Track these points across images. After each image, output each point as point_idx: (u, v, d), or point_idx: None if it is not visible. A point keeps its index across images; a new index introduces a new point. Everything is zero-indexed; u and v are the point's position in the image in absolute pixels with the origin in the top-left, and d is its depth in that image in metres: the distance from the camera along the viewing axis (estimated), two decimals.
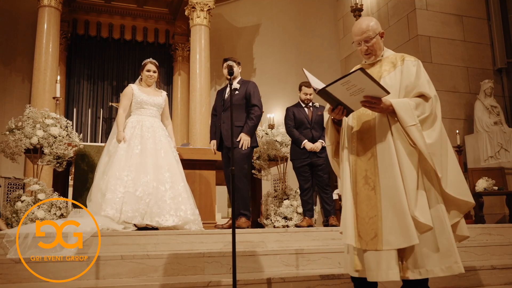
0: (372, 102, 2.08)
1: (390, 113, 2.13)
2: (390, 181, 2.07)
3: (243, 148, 4.20)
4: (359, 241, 2.10)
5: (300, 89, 4.83)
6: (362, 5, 7.69)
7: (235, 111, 4.19)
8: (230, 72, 2.97)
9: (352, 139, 2.23)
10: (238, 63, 4.44)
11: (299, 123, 4.68)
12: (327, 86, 2.06)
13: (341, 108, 2.13)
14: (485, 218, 5.81)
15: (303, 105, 4.76)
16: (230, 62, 4.27)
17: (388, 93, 2.07)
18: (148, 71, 4.19)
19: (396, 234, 2.01)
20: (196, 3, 9.16)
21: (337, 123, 2.32)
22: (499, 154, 6.60)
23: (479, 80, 7.11)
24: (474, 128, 6.93)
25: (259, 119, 4.34)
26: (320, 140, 4.64)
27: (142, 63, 4.26)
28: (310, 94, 4.74)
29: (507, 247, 3.86)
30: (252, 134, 4.27)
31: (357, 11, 7.65)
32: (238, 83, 4.39)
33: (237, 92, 4.32)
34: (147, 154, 3.92)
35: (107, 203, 3.61)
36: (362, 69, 1.99)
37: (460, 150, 6.29)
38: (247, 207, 4.26)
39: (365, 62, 2.40)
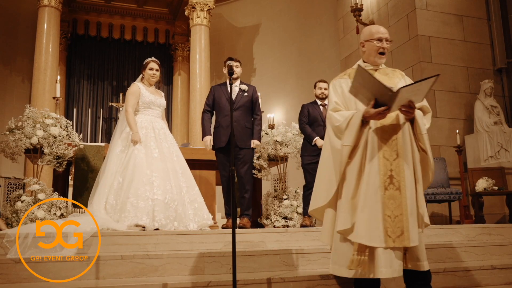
0: (411, 108, 2.19)
1: (410, 119, 2.29)
2: (412, 182, 2.23)
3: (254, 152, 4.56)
4: (386, 240, 2.16)
5: (314, 87, 4.96)
6: (362, 5, 7.69)
7: (245, 112, 4.43)
8: (230, 72, 3.00)
9: (376, 140, 2.27)
10: (240, 64, 4.52)
11: (312, 120, 4.77)
12: (405, 86, 2.12)
13: (387, 109, 2.18)
14: (485, 218, 5.81)
15: (319, 103, 4.86)
16: (230, 62, 4.28)
17: (421, 101, 2.26)
18: (151, 69, 4.15)
19: (416, 232, 2.17)
20: (196, 3, 9.16)
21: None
22: (499, 154, 6.60)
23: (479, 80, 7.11)
24: (474, 128, 6.93)
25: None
26: None
27: (144, 62, 4.21)
28: (325, 89, 4.86)
29: (507, 247, 3.86)
30: (260, 139, 4.61)
31: (357, 11, 7.65)
32: (242, 84, 4.50)
33: (245, 94, 4.46)
34: (166, 158, 3.90)
35: (142, 212, 3.57)
36: (438, 76, 2.12)
37: (460, 150, 6.29)
38: (250, 208, 4.45)
39: (367, 65, 2.44)
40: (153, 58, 4.24)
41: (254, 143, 4.45)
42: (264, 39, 10.94)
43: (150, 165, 3.79)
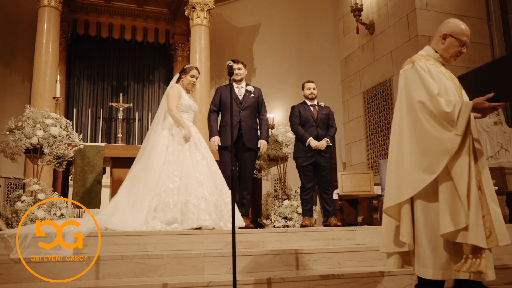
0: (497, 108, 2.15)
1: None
2: (491, 183, 2.21)
3: (263, 153, 4.56)
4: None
5: (302, 88, 4.91)
6: (362, 5, 7.71)
7: (252, 113, 4.46)
8: (230, 72, 3.00)
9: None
10: (245, 65, 4.58)
11: (304, 120, 4.72)
12: None
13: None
14: None
15: (309, 103, 4.81)
16: (229, 62, 4.27)
17: None
18: (193, 76, 4.17)
19: (504, 232, 2.12)
20: (196, 3, 9.16)
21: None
22: (499, 154, 6.60)
23: None
24: None
25: None
26: (325, 138, 4.64)
27: (187, 67, 4.22)
28: (314, 89, 4.83)
29: (507, 247, 3.85)
30: (268, 140, 4.64)
31: (357, 11, 7.66)
32: (248, 86, 4.53)
33: (252, 95, 4.50)
34: (207, 162, 3.96)
35: (204, 213, 3.63)
36: None
37: None
38: (249, 208, 4.53)
39: (439, 57, 2.41)
40: (197, 65, 4.32)
41: (262, 143, 4.48)
42: (264, 39, 10.93)
43: (197, 167, 3.85)
